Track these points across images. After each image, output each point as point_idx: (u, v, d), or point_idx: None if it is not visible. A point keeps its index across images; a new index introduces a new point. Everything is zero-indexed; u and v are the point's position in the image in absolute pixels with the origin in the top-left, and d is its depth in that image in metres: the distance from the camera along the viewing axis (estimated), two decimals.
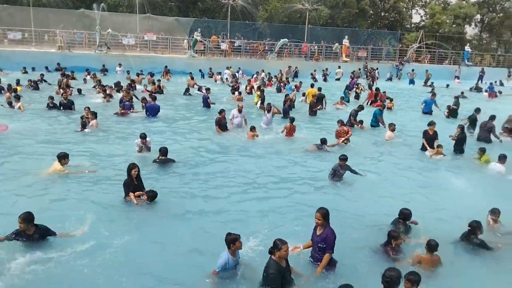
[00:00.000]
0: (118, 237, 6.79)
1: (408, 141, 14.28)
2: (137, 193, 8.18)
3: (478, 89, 31.14)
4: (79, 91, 20.16)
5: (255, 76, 29.27)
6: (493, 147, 13.84)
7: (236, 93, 21.39)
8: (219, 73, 29.49)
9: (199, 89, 22.83)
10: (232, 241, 5.70)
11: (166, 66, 29.96)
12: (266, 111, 15.46)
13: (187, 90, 22.37)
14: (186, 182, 9.61)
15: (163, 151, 10.56)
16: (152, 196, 8.22)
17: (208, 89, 19.88)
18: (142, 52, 34.35)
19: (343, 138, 13.23)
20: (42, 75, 24.28)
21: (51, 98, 16.83)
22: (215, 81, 28.58)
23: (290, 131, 13.90)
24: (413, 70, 34.51)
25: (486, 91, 29.42)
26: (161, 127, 14.86)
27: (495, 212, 7.72)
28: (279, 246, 5.34)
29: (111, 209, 7.93)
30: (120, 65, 29.78)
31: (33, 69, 27.67)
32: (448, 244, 7.09)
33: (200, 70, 30.53)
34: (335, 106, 20.63)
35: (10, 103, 16.39)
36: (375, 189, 9.77)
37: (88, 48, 33.14)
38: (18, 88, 19.70)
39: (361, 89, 24.90)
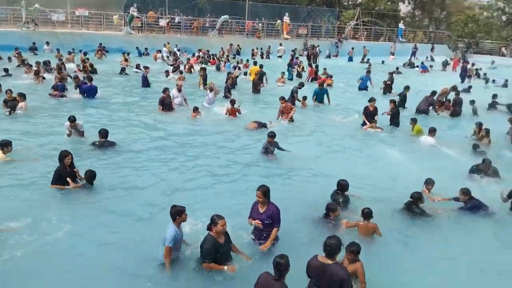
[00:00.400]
0: (60, 226, 6.42)
1: (348, 117, 14.69)
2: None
3: (411, 64, 32.65)
4: (6, 70, 18.61)
5: (197, 54, 28.61)
6: (430, 119, 14.93)
7: (171, 74, 20.84)
8: (159, 51, 28.51)
9: (137, 67, 21.99)
10: (178, 213, 5.58)
11: (100, 44, 28.43)
12: (208, 90, 15.31)
13: (122, 69, 21.45)
14: (127, 164, 9.26)
15: (103, 133, 10.08)
16: (90, 176, 7.79)
17: (147, 68, 19.18)
18: (73, 29, 32.26)
19: (290, 115, 13.36)
20: None
21: None
22: (155, 59, 27.62)
23: (233, 113, 13.82)
24: (352, 48, 35.42)
25: (417, 66, 31.03)
26: (99, 108, 14.14)
27: (429, 182, 8.20)
28: (216, 221, 5.39)
29: (52, 198, 7.46)
30: (47, 43, 27.67)
31: None
32: (392, 213, 7.49)
33: (137, 48, 29.36)
34: (277, 83, 20.77)
35: None
36: (316, 164, 10.00)
37: (13, 25, 30.54)
38: None
39: (302, 68, 25.14)
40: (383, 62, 32.76)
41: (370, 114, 13.38)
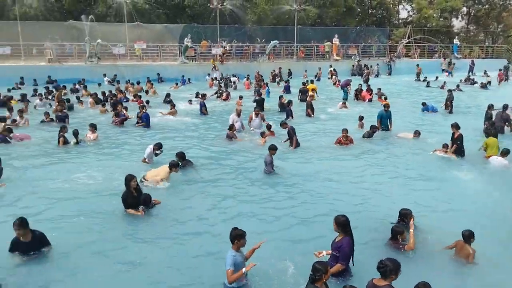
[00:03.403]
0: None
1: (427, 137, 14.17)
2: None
3: (469, 80, 31.29)
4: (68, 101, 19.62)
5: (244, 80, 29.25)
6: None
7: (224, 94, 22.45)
8: (214, 79, 29.57)
9: (196, 95, 22.57)
10: (237, 237, 5.60)
11: (158, 74, 30.14)
12: (254, 115, 15.69)
13: (167, 95, 21.99)
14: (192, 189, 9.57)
15: (180, 155, 10.85)
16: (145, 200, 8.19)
17: (204, 95, 19.81)
18: (132, 61, 34.14)
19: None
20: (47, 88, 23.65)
21: (47, 114, 16.71)
22: (210, 86, 28.34)
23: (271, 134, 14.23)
24: (418, 65, 34.81)
25: (476, 83, 29.78)
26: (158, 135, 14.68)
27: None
28: (322, 271, 4.89)
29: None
30: (105, 75, 29.29)
31: (22, 83, 26.70)
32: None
33: (182, 76, 30.12)
34: (339, 107, 20.73)
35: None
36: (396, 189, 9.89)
37: (78, 60, 32.82)
38: (13, 102, 19.64)
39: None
40: (436, 78, 31.84)
41: (454, 141, 12.05)
